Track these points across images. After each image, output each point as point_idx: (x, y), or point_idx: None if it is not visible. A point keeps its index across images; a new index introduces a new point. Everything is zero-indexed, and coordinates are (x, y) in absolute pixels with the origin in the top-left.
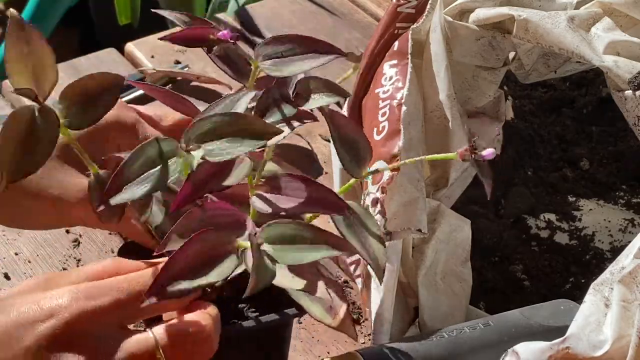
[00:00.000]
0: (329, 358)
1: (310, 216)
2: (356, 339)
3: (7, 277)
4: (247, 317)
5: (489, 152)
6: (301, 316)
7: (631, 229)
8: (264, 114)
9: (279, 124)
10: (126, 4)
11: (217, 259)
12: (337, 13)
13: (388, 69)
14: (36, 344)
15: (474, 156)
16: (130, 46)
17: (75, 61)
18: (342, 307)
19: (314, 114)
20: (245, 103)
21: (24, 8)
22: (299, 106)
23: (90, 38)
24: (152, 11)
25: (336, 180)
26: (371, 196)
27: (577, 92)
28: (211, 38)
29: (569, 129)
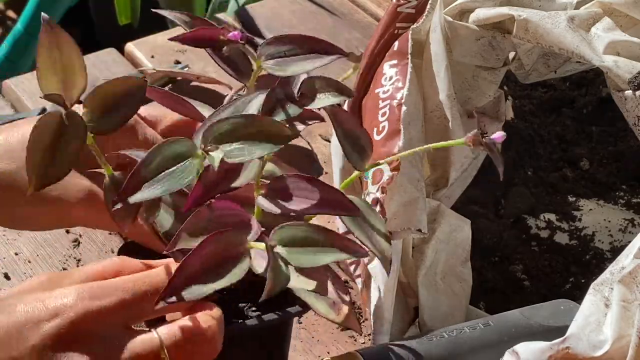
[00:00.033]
0: (329, 358)
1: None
2: (361, 333)
3: (7, 277)
4: (248, 317)
5: (499, 135)
6: (305, 313)
7: (631, 229)
8: (270, 114)
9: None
10: (126, 4)
11: (229, 261)
12: (337, 13)
13: (388, 69)
14: (41, 343)
15: (484, 140)
16: (130, 46)
17: None
18: (346, 302)
19: (318, 113)
20: (257, 105)
21: (24, 8)
22: (305, 106)
23: (90, 38)
24: (153, 11)
25: (336, 180)
26: (371, 196)
27: (577, 92)
28: (221, 39)
29: (569, 129)
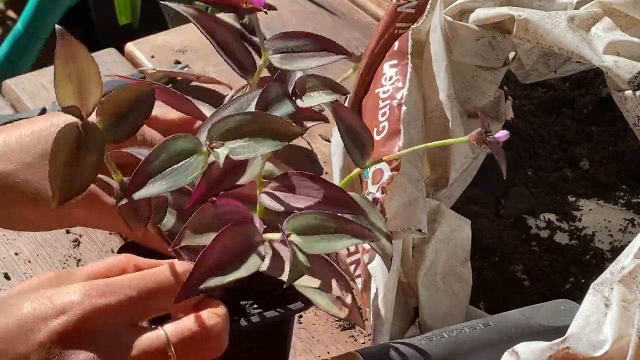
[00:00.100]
0: (329, 358)
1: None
2: (364, 328)
3: (7, 277)
4: (250, 314)
5: (502, 134)
6: (306, 309)
7: (631, 229)
8: (265, 111)
9: None
10: (126, 4)
11: (244, 253)
12: (337, 13)
13: (388, 69)
14: (48, 340)
15: (488, 139)
16: (130, 46)
17: None
18: (348, 297)
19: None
20: None
21: (24, 8)
22: (299, 105)
23: (90, 38)
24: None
25: (336, 180)
26: (371, 196)
27: (577, 92)
28: (243, 6)
29: (569, 129)
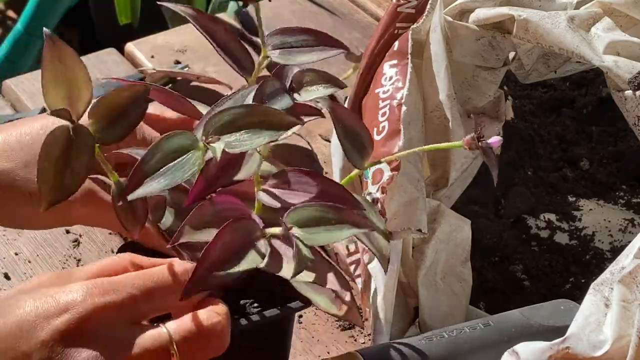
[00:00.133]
0: (329, 358)
1: None
2: (363, 327)
3: (7, 277)
4: (250, 313)
5: (495, 140)
6: (306, 308)
7: (631, 229)
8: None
9: None
10: (126, 4)
11: (245, 247)
12: (337, 13)
13: (388, 69)
14: (51, 338)
15: (480, 144)
16: (130, 46)
17: None
18: (347, 295)
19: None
20: None
21: (24, 8)
22: (297, 99)
23: (90, 38)
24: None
25: (336, 180)
26: (371, 196)
27: (577, 92)
28: None
29: (569, 129)
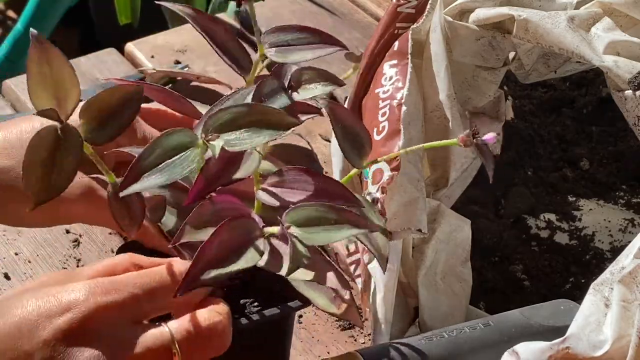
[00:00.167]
0: (329, 358)
1: None
2: (362, 327)
3: (7, 277)
4: (250, 312)
5: (490, 137)
6: (305, 307)
7: (631, 229)
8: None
9: None
10: (126, 4)
11: (244, 246)
12: (337, 13)
13: (388, 69)
14: (53, 338)
15: (475, 141)
16: (130, 46)
17: (75, 61)
18: (347, 294)
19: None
20: None
21: (24, 8)
22: (295, 97)
23: (90, 38)
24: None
25: None
26: (371, 196)
27: (577, 92)
28: None
29: (569, 129)
